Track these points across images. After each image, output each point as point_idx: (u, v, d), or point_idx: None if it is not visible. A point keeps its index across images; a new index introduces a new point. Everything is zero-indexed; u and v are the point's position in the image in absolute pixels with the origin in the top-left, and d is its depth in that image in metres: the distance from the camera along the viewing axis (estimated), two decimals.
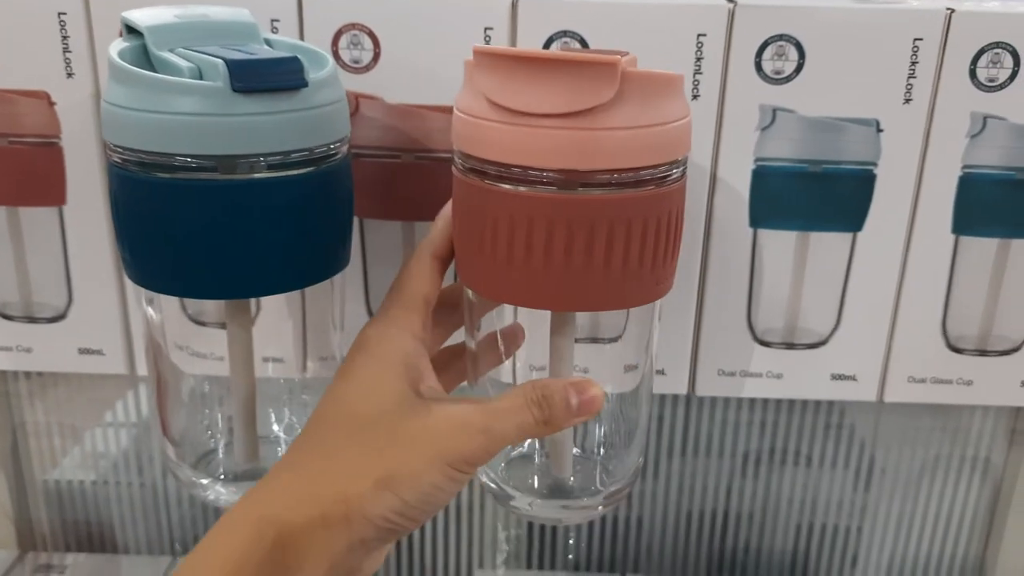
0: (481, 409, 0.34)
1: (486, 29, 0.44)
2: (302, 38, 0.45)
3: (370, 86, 0.45)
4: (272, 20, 0.44)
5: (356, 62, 0.45)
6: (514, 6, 0.44)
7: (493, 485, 0.43)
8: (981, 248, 0.47)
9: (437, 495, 0.34)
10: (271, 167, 0.35)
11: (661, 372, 0.50)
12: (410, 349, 0.36)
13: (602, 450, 0.45)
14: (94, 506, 0.66)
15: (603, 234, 0.33)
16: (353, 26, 0.44)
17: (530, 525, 0.66)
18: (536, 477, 0.44)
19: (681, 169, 0.36)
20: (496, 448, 0.34)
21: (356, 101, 0.45)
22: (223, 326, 0.40)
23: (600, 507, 0.43)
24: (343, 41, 0.44)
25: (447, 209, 0.38)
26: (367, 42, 0.44)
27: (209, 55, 0.34)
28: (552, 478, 0.42)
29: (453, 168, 0.36)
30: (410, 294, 0.37)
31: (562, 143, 0.32)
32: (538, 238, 0.34)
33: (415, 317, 0.37)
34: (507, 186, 0.34)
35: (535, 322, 0.42)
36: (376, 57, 0.45)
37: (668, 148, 0.34)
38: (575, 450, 0.44)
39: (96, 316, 0.50)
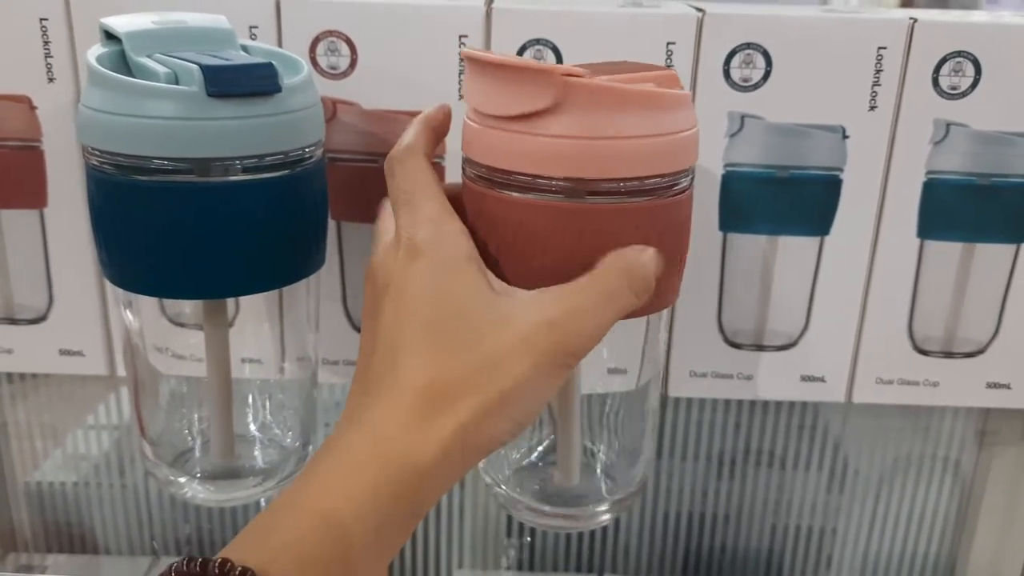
0: (571, 291, 0.33)
1: (461, 36, 0.45)
2: (280, 45, 0.45)
3: (347, 92, 0.46)
4: (251, 27, 0.45)
5: (333, 68, 0.46)
6: (488, 14, 0.44)
7: (501, 491, 0.44)
8: (945, 252, 0.48)
9: (544, 402, 0.34)
10: (246, 170, 0.36)
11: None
12: (468, 244, 0.34)
13: (607, 457, 0.46)
14: (75, 507, 0.66)
15: (611, 243, 0.34)
16: (330, 33, 0.45)
17: (508, 527, 0.67)
18: (543, 485, 0.45)
19: (689, 179, 0.37)
20: (598, 333, 0.33)
21: (333, 107, 0.46)
22: (201, 328, 0.41)
23: (606, 515, 0.44)
24: (320, 48, 0.45)
25: (422, 115, 0.38)
26: (344, 49, 0.45)
27: (185, 61, 0.35)
28: (558, 486, 0.43)
29: (462, 175, 0.37)
30: (435, 192, 0.35)
31: (570, 151, 0.33)
32: (545, 246, 0.34)
33: (452, 214, 0.35)
34: (515, 194, 0.34)
35: None
36: (353, 63, 0.45)
37: (676, 158, 0.35)
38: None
39: (76, 317, 0.50)
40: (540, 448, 0.46)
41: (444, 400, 0.32)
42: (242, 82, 0.34)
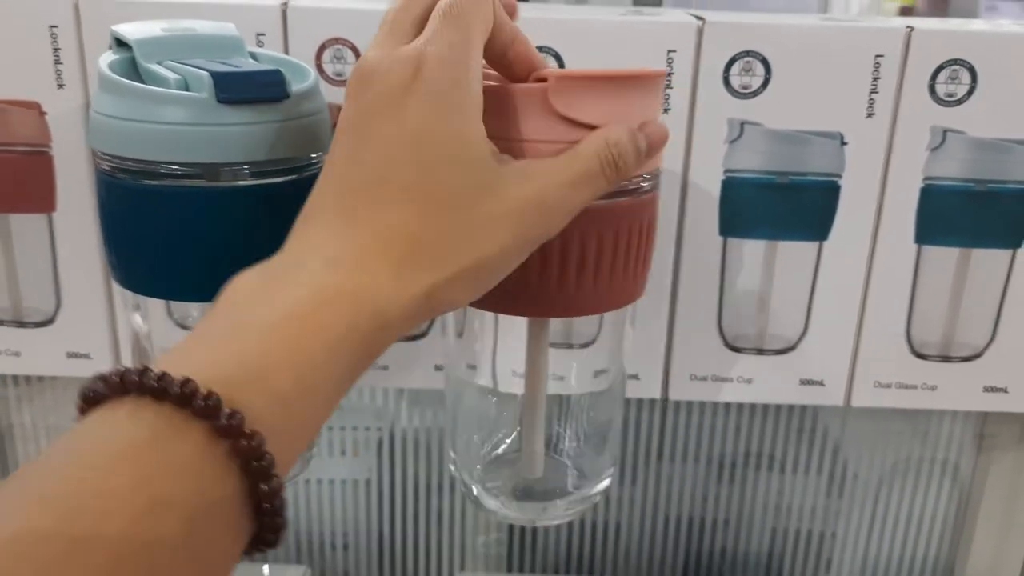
0: (555, 168, 0.32)
1: None
2: (287, 52, 0.46)
3: None
4: (258, 34, 0.46)
5: (339, 75, 0.46)
6: None
7: (469, 486, 0.45)
8: (943, 257, 0.49)
9: (503, 276, 0.32)
10: (254, 175, 0.37)
11: (635, 377, 0.51)
12: (481, 100, 0.31)
13: (574, 452, 0.46)
14: None
15: (576, 244, 0.35)
16: (336, 40, 0.46)
17: (510, 529, 0.67)
18: (510, 478, 0.45)
19: (653, 182, 0.38)
20: (573, 213, 0.32)
21: (339, 113, 0.46)
22: None
23: (571, 509, 0.45)
24: (326, 55, 0.46)
25: None
26: (350, 56, 0.46)
27: (195, 67, 0.35)
28: (525, 479, 0.44)
29: None
30: (479, 48, 0.32)
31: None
32: None
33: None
34: None
35: (512, 326, 0.43)
36: None
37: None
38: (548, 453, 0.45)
39: (84, 321, 0.51)
40: (507, 441, 0.47)
41: (425, 256, 0.30)
42: (251, 89, 0.35)
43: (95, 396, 0.26)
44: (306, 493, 0.68)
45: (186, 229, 0.37)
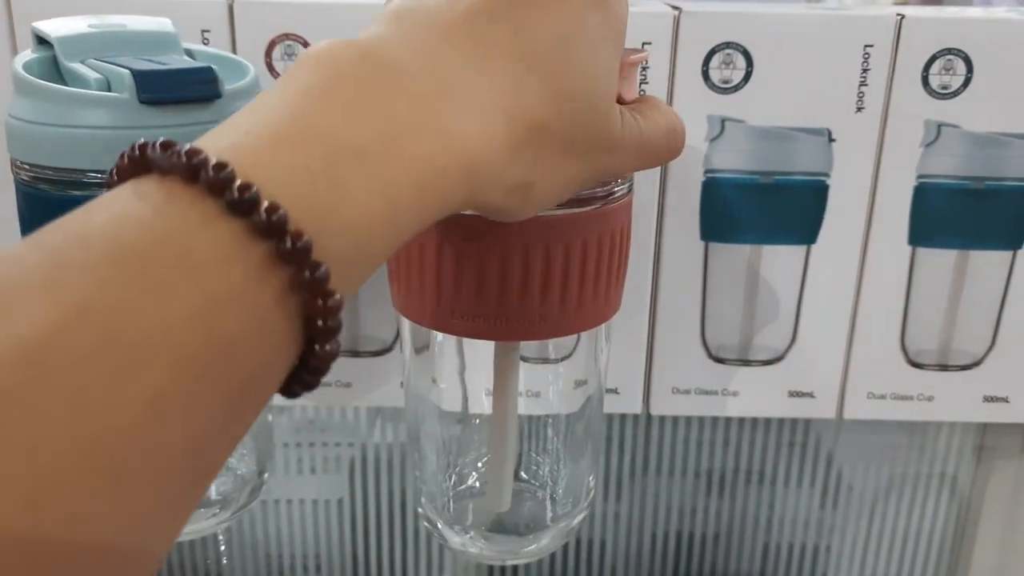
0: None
1: None
2: (234, 49, 0.43)
3: None
4: (203, 31, 0.43)
5: None
6: None
7: (433, 521, 0.41)
8: (938, 260, 0.46)
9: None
10: None
11: (615, 391, 0.48)
12: None
13: (550, 478, 0.43)
14: None
15: (540, 258, 0.32)
16: (286, 36, 0.43)
17: None
18: (478, 512, 0.42)
19: (627, 186, 0.35)
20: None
21: None
22: None
23: (549, 543, 0.41)
24: (277, 52, 0.43)
25: None
26: (301, 52, 0.43)
27: (118, 66, 0.32)
28: (493, 514, 0.40)
29: None
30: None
31: None
32: (471, 264, 0.32)
33: None
34: None
35: (483, 345, 0.40)
36: None
37: None
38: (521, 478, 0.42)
39: None
40: (477, 469, 0.44)
41: (539, 149, 0.27)
42: (177, 88, 0.32)
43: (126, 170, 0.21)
44: (276, 514, 0.65)
45: None
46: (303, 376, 0.22)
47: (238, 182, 0.20)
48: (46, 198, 0.34)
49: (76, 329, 0.17)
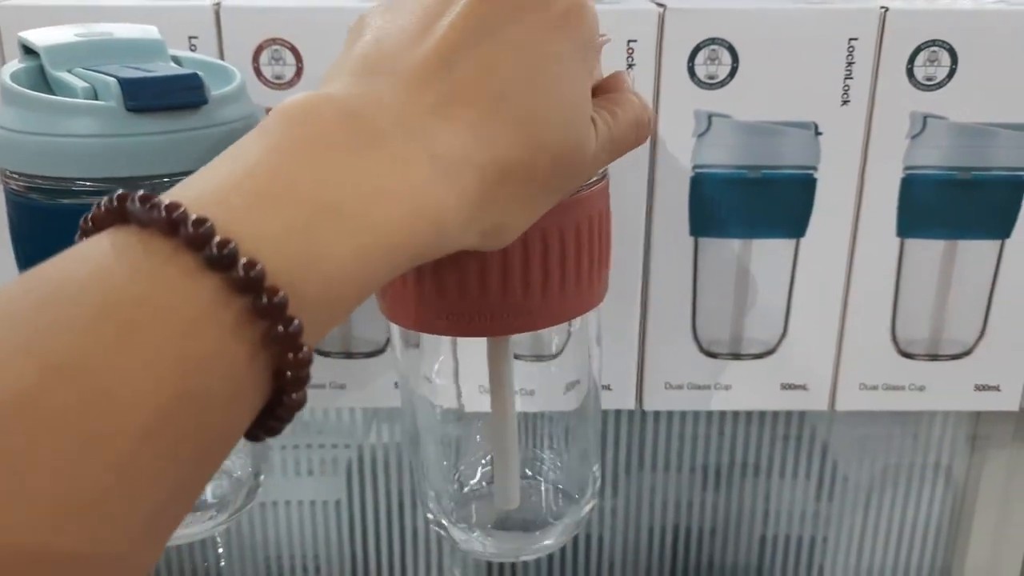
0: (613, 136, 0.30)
1: None
2: (221, 55, 0.43)
3: None
4: (190, 37, 0.43)
5: (279, 78, 0.43)
6: None
7: (440, 522, 0.41)
8: (927, 250, 0.46)
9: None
10: None
11: (607, 387, 0.49)
12: None
13: (554, 473, 0.44)
14: None
15: (518, 248, 0.31)
16: (274, 41, 0.43)
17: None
18: (485, 511, 0.42)
19: (601, 172, 0.34)
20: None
21: None
22: None
23: (558, 537, 0.41)
24: (264, 57, 0.43)
25: None
26: (289, 57, 0.43)
27: (104, 74, 0.33)
28: (500, 511, 0.40)
29: None
30: None
31: None
32: (451, 263, 0.31)
33: None
34: None
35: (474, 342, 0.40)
36: (299, 72, 0.43)
37: None
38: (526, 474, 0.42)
39: None
40: (480, 471, 0.44)
41: (514, 187, 0.27)
42: (163, 95, 0.32)
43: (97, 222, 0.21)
44: (274, 516, 0.65)
45: None
46: (268, 422, 0.23)
47: (217, 238, 0.20)
48: (36, 207, 0.34)
49: (51, 391, 0.18)
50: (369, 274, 0.23)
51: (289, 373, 0.21)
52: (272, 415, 0.22)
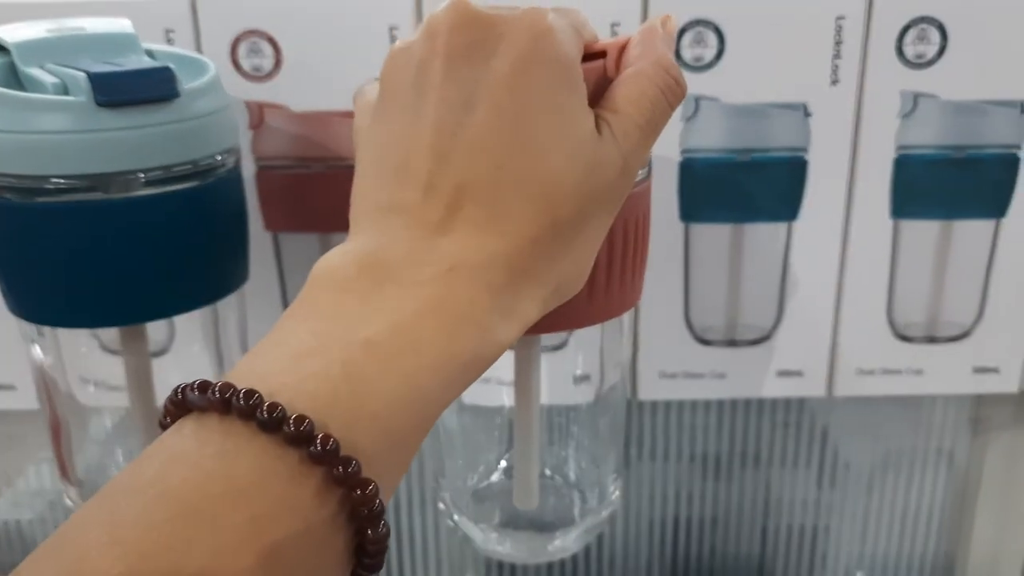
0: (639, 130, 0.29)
1: (391, 29, 0.42)
2: (199, 47, 0.42)
3: (274, 94, 0.43)
4: (167, 30, 0.42)
5: (257, 70, 0.43)
6: (419, 3, 0.42)
7: (456, 521, 0.41)
8: (922, 231, 0.46)
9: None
10: (150, 183, 0.33)
11: None
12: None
13: (575, 472, 0.43)
14: (32, 544, 0.63)
15: None
16: (252, 32, 0.42)
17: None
18: (504, 511, 0.41)
19: (645, 171, 0.34)
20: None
21: (260, 111, 0.43)
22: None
23: (580, 539, 0.41)
24: (242, 49, 0.42)
25: None
26: (267, 48, 0.42)
27: (74, 69, 0.32)
28: (519, 511, 0.39)
29: None
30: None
31: None
32: None
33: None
34: None
35: None
36: (278, 64, 0.42)
37: None
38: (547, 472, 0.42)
39: (2, 351, 0.47)
40: (500, 467, 0.43)
41: (544, 264, 0.27)
42: (134, 89, 0.31)
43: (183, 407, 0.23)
44: None
45: (80, 248, 0.33)
46: (364, 561, 0.24)
47: (266, 404, 0.22)
48: (11, 207, 0.33)
49: None
50: (423, 396, 0.24)
51: (364, 510, 0.23)
52: (366, 553, 0.24)
